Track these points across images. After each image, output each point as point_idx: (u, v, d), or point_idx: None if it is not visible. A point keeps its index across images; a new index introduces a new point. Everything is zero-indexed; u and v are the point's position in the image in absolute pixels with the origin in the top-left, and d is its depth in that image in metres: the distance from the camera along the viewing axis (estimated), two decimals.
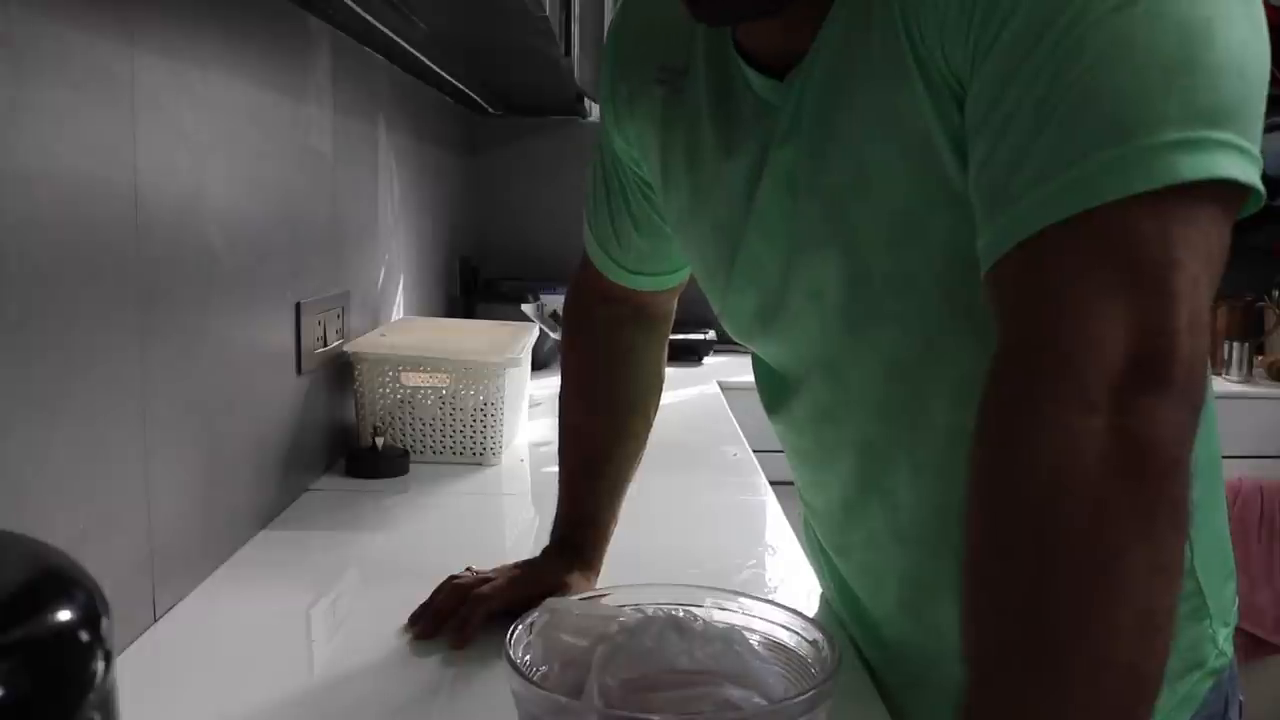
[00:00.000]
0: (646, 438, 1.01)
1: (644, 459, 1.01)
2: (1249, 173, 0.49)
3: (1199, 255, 0.48)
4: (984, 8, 0.53)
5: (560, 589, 0.89)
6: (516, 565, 0.96)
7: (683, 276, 0.97)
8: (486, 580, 0.93)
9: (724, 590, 0.76)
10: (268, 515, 1.20)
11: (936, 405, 0.68)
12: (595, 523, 0.97)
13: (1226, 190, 0.49)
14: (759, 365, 0.84)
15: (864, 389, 0.72)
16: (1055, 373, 0.49)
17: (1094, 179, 0.48)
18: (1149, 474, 0.47)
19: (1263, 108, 0.51)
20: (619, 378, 0.99)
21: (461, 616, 0.89)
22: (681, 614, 0.71)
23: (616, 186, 0.91)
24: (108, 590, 0.37)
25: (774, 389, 0.82)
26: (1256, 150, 0.50)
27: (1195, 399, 0.49)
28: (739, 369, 2.42)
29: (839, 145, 0.64)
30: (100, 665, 0.34)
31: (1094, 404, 0.47)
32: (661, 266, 0.94)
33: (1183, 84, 0.48)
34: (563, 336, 1.03)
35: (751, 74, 0.69)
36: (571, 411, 1.00)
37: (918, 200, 0.61)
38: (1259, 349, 2.80)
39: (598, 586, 0.94)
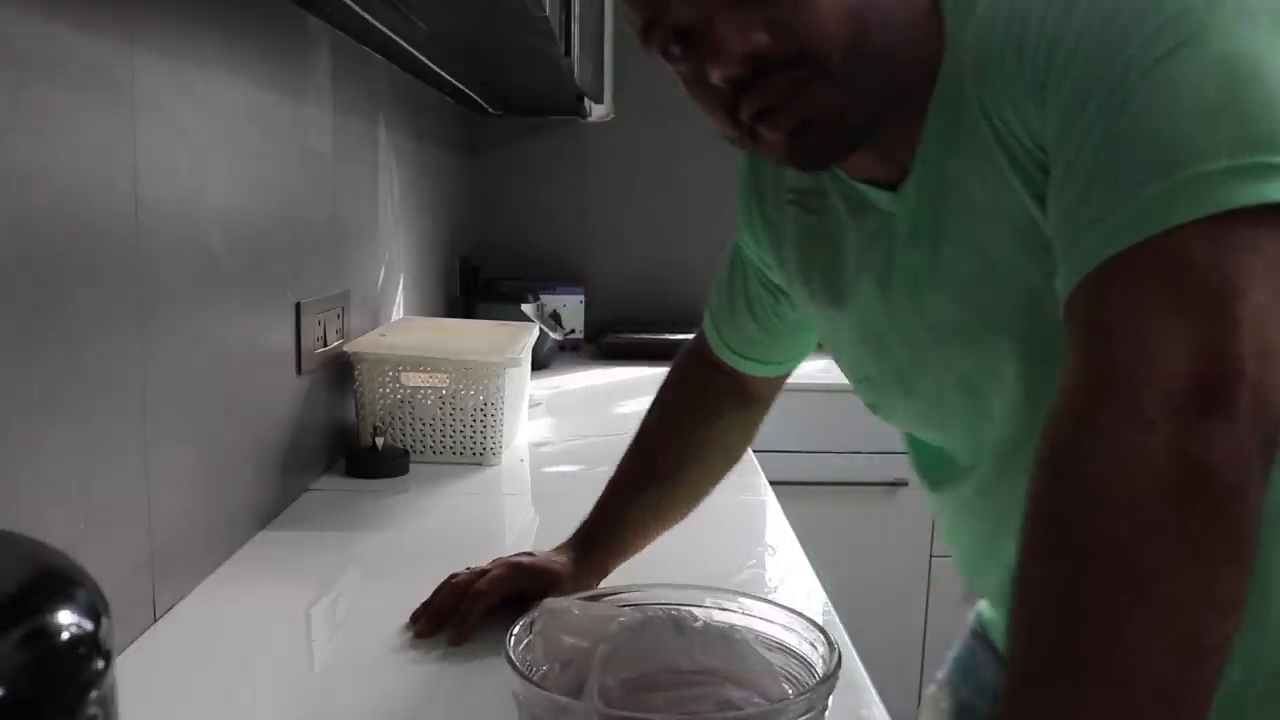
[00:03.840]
0: (694, 498, 1.02)
1: None
2: None
3: (1267, 285, 0.48)
4: (1042, 70, 0.56)
5: (559, 584, 0.90)
6: (519, 553, 0.96)
7: (786, 370, 1.01)
8: (485, 573, 0.93)
9: (724, 590, 0.76)
10: (268, 515, 1.20)
11: None
12: (612, 535, 0.98)
13: None
14: (918, 450, 0.83)
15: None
16: (1111, 388, 0.49)
17: (1145, 212, 0.50)
18: (1204, 498, 0.46)
19: None
20: (695, 430, 1.02)
21: (460, 614, 0.89)
22: (681, 614, 0.71)
23: (739, 274, 0.96)
24: (108, 590, 0.37)
25: (936, 470, 0.81)
26: None
27: (1266, 428, 0.47)
28: None
29: (956, 242, 0.67)
30: (100, 665, 0.34)
31: (1151, 422, 0.47)
32: (765, 356, 0.99)
33: (1229, 116, 0.49)
34: (666, 377, 1.06)
35: (869, 190, 0.72)
36: (640, 439, 1.02)
37: (1041, 281, 0.61)
38: None
39: (598, 587, 0.94)
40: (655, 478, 1.00)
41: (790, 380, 1.01)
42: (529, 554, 0.96)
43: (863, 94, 0.63)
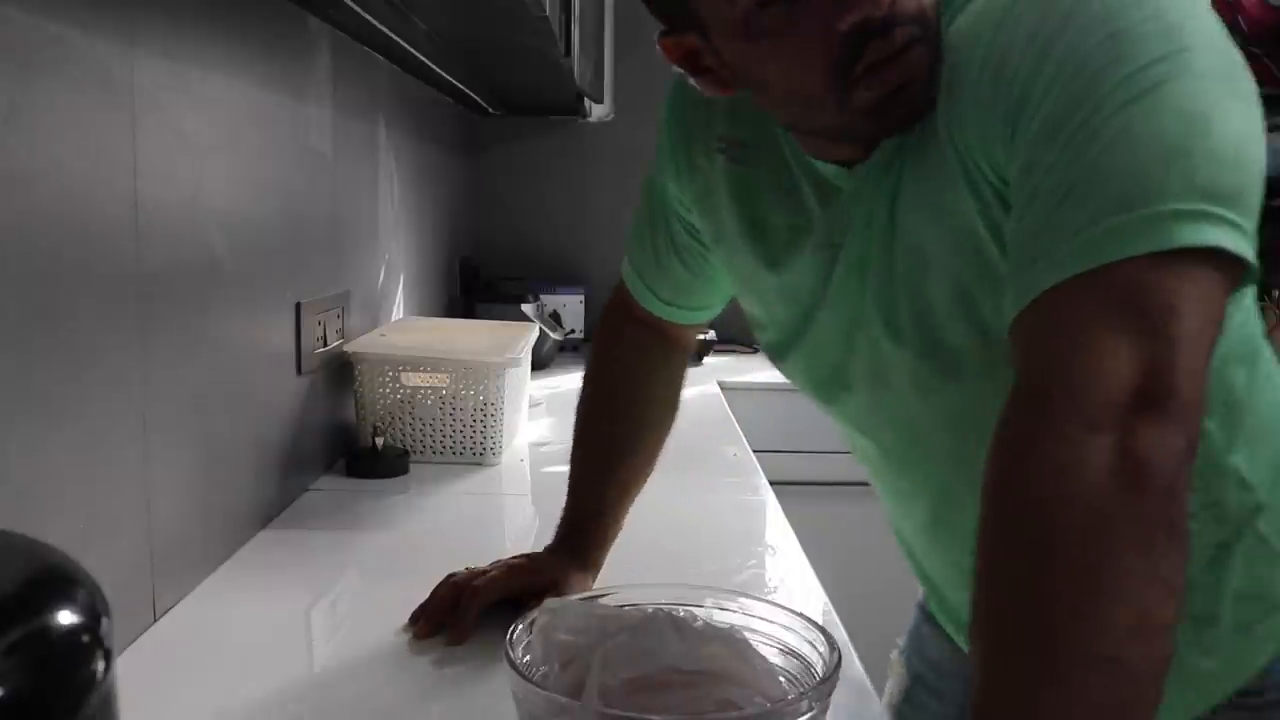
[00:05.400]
0: (655, 459, 1.03)
1: None
2: (1243, 248, 0.54)
3: (1199, 312, 0.54)
4: (1015, 112, 0.60)
5: (558, 584, 0.90)
6: (515, 556, 0.97)
7: (710, 315, 1.02)
8: (483, 573, 0.93)
9: (724, 590, 0.76)
10: (268, 515, 1.20)
11: None
12: (598, 525, 0.98)
13: (1223, 261, 0.54)
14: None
15: (934, 443, 0.78)
16: (1063, 396, 0.53)
17: (1102, 242, 0.54)
18: (1148, 490, 0.50)
19: (1260, 194, 0.56)
20: (640, 396, 1.03)
21: (458, 613, 0.90)
22: (681, 614, 0.71)
23: (661, 220, 0.95)
24: (108, 590, 0.37)
25: (847, 437, 0.88)
26: (1253, 230, 0.55)
27: (1192, 437, 0.53)
28: (739, 369, 2.42)
29: (904, 237, 0.71)
30: (100, 665, 0.34)
31: (1098, 424, 0.52)
32: (694, 302, 1.00)
33: (1182, 165, 0.54)
34: (591, 349, 1.08)
35: (821, 164, 0.75)
36: (589, 418, 1.03)
37: (971, 282, 0.67)
38: None
39: (598, 586, 0.94)
40: (619, 454, 1.01)
41: (790, 380, 1.01)
42: (526, 556, 0.96)
43: (936, 64, 0.66)
